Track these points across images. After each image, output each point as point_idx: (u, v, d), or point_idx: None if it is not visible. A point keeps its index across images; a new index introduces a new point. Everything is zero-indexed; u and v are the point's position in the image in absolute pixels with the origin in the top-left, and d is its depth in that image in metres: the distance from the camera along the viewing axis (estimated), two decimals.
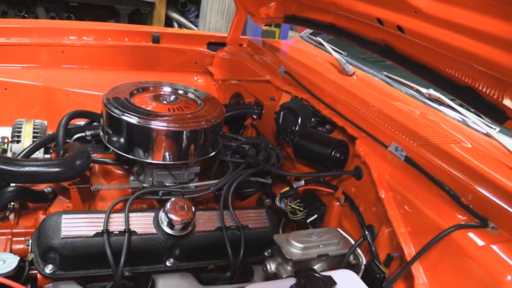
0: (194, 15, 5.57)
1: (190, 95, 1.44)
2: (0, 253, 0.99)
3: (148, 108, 1.26)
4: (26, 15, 4.72)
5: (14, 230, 1.17)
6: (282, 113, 1.44)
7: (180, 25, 5.43)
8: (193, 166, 1.32)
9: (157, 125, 1.18)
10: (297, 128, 1.37)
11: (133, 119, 1.18)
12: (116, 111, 1.20)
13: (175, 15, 5.46)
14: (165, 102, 1.33)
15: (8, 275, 0.89)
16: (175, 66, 2.07)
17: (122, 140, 1.21)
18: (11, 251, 1.06)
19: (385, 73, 1.71)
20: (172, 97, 1.38)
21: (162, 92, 1.41)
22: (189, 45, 2.11)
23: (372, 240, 1.06)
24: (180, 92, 1.44)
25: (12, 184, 1.16)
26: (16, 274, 0.93)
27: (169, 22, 5.41)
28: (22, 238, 1.14)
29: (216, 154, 1.33)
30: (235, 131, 1.77)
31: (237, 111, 1.70)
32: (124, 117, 1.18)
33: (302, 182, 1.24)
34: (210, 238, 1.14)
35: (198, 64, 2.12)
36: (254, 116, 1.69)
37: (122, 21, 4.99)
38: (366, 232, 1.07)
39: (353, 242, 1.09)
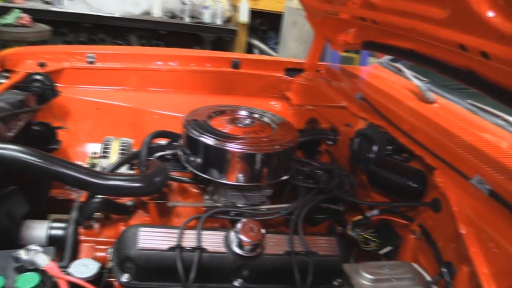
0: (274, 41, 5.72)
1: (266, 119, 1.47)
2: (83, 259, 1.07)
3: (225, 131, 1.31)
4: (120, 42, 5.15)
5: (97, 239, 1.26)
6: (357, 139, 1.42)
7: (261, 51, 5.60)
8: (265, 188, 1.34)
9: (232, 147, 1.22)
10: (372, 155, 1.33)
11: (210, 141, 1.23)
12: (194, 132, 1.26)
13: (256, 42, 5.65)
14: (241, 125, 1.37)
15: (88, 280, 0.96)
16: (253, 91, 2.13)
17: (198, 160, 1.27)
18: (93, 258, 1.13)
19: (469, 101, 1.62)
20: (248, 121, 1.42)
21: (238, 116, 1.46)
22: (268, 70, 2.17)
23: (451, 279, 0.99)
24: (256, 116, 1.48)
25: (98, 196, 1.25)
26: (95, 280, 1.00)
27: (250, 49, 5.61)
28: (104, 247, 1.22)
29: (288, 178, 1.34)
30: (309, 156, 1.77)
31: (312, 137, 1.70)
32: (201, 138, 1.24)
33: (376, 212, 1.20)
34: (278, 261, 1.14)
35: (276, 89, 2.16)
36: (329, 142, 1.68)
37: (206, 48, 5.26)
38: (444, 270, 1.00)
39: (429, 279, 1.03)
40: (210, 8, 5.15)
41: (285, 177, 1.32)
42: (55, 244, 1.04)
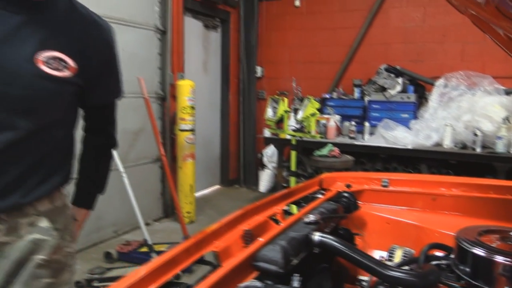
0: None
1: None
2: None
3: (493, 245, 1.50)
4: (411, 171, 5.62)
5: None
6: None
7: None
8: None
9: (501, 259, 1.41)
10: None
11: (480, 252, 1.45)
12: (466, 244, 1.51)
13: None
14: (510, 242, 1.52)
15: None
16: None
17: (468, 269, 1.49)
18: None
19: None
20: None
21: (509, 236, 1.61)
22: None
23: None
24: None
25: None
26: None
27: None
28: None
29: None
30: None
31: None
32: (471, 250, 1.48)
33: None
34: None
35: None
36: None
37: (499, 177, 5.10)
38: None
39: None
40: (504, 138, 5.09)
41: None
42: None
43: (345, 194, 2.30)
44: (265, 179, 7.06)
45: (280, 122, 4.96)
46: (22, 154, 1.29)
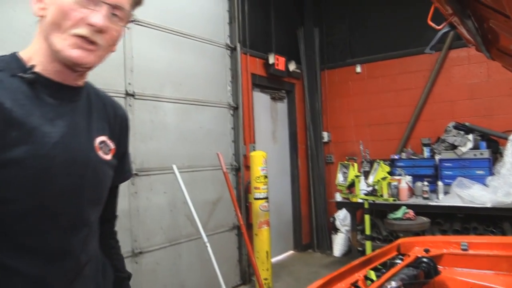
0: None
1: None
2: None
3: None
4: (493, 230, 5.39)
5: None
6: None
7: None
8: None
9: None
10: None
11: None
12: None
13: None
14: None
15: None
16: None
17: None
18: None
19: None
20: None
21: None
22: None
23: None
24: None
25: None
26: None
27: None
28: None
29: None
30: None
31: None
32: None
33: None
34: None
35: None
36: None
37: None
38: None
39: None
40: None
41: None
42: None
43: (425, 259, 2.36)
44: (339, 243, 7.04)
45: (351, 186, 5.08)
46: (90, 242, 1.25)
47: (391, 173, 5.98)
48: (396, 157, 6.77)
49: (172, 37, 5.13)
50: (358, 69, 7.58)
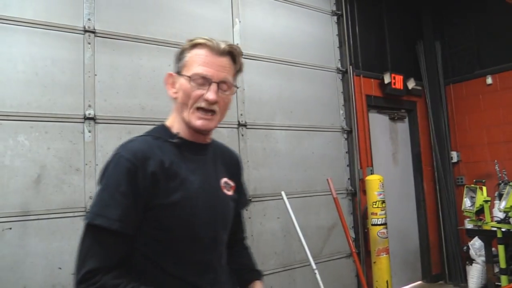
0: None
1: None
2: None
3: None
4: None
5: None
6: None
7: None
8: None
9: None
10: None
11: None
12: None
13: None
14: None
15: None
16: None
17: None
18: None
19: None
20: None
21: None
22: None
23: None
24: None
25: None
26: None
27: None
28: None
29: None
30: None
31: None
32: None
33: None
34: None
35: None
36: None
37: None
38: None
39: None
40: None
41: None
42: None
43: None
44: (474, 275, 6.29)
45: (480, 212, 4.55)
46: (223, 258, 1.62)
47: None
48: None
49: (281, 67, 5.32)
50: (489, 80, 6.84)
